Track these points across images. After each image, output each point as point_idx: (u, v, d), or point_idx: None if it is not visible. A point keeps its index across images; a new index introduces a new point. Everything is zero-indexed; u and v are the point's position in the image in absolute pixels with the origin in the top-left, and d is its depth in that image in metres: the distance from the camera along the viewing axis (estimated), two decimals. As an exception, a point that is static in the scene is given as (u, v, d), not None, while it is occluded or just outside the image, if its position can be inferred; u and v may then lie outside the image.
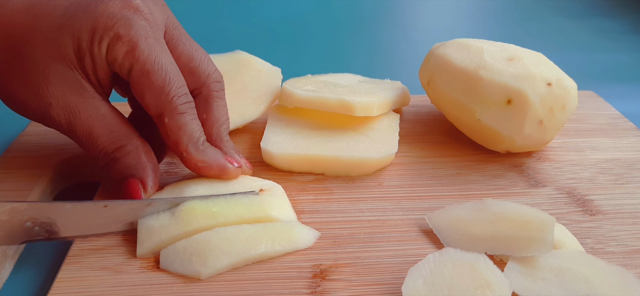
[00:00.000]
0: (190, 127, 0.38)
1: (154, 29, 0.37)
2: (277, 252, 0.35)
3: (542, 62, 0.44)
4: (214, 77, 0.41)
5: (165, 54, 0.37)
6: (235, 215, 0.36)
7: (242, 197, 0.37)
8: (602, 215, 0.39)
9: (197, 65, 0.40)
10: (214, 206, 0.36)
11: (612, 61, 0.71)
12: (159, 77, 0.36)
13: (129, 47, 0.36)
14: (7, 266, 0.36)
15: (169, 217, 0.36)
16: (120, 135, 0.37)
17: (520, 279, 0.32)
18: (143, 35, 0.36)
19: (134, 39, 0.36)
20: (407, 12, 0.94)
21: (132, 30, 0.36)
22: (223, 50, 0.55)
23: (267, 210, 0.37)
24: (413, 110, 0.54)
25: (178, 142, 0.37)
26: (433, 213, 0.38)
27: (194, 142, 0.38)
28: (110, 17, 0.36)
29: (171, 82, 0.37)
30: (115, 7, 0.36)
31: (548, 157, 0.46)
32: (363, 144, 0.44)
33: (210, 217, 0.36)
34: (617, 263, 0.33)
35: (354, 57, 0.74)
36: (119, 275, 0.34)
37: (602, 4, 0.93)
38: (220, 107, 0.41)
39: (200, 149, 0.38)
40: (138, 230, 0.36)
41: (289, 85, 0.48)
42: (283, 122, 0.47)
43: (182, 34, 0.41)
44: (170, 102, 0.37)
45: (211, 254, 0.33)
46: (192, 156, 0.38)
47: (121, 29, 0.36)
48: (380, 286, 0.33)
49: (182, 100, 0.37)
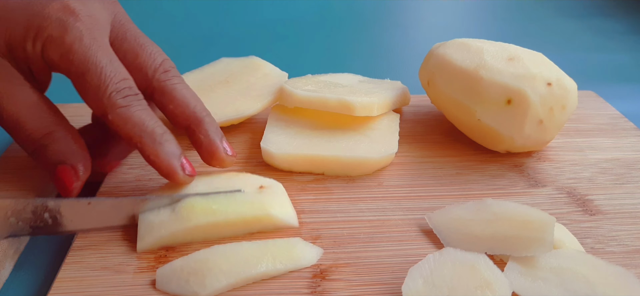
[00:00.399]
0: (138, 117, 0.37)
1: (92, 30, 0.37)
2: (278, 271, 0.34)
3: (542, 62, 0.45)
4: (162, 67, 0.40)
5: (103, 52, 0.37)
6: (234, 213, 0.36)
7: (242, 194, 0.37)
8: (602, 215, 0.39)
9: (143, 61, 0.39)
10: (214, 203, 0.36)
11: (612, 61, 0.71)
12: (95, 76, 0.36)
13: (63, 50, 0.36)
14: (7, 266, 0.36)
15: (170, 212, 0.36)
16: (49, 122, 0.37)
17: (520, 279, 0.32)
18: (77, 37, 0.36)
19: (67, 42, 0.36)
20: (407, 12, 0.94)
21: (66, 34, 0.36)
22: (224, 50, 0.56)
23: (267, 208, 0.37)
24: (413, 110, 0.54)
25: (130, 135, 0.37)
26: (433, 213, 0.38)
27: (148, 133, 0.37)
28: (45, 19, 0.36)
29: (108, 78, 0.36)
30: (52, 9, 0.36)
31: (548, 157, 0.46)
32: (363, 144, 0.44)
33: (210, 214, 0.36)
34: (617, 263, 0.33)
35: (354, 57, 0.74)
36: (119, 275, 0.34)
37: (602, 4, 0.93)
38: (182, 90, 0.40)
39: (158, 141, 0.37)
40: (139, 225, 0.36)
41: (289, 85, 0.48)
42: (283, 122, 0.47)
43: (128, 31, 0.40)
44: (108, 98, 0.36)
45: (209, 274, 0.32)
46: (147, 146, 0.37)
47: (54, 31, 0.36)
48: (380, 286, 0.33)
49: (122, 94, 0.36)
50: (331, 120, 0.47)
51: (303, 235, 0.37)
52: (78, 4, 0.38)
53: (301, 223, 0.38)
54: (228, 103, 0.48)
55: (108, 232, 0.37)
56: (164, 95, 0.39)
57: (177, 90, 0.40)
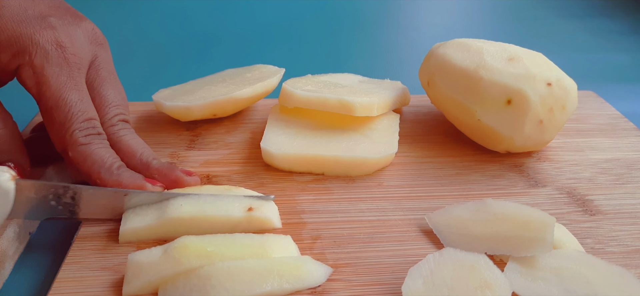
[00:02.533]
0: (98, 155, 0.38)
1: (72, 69, 0.39)
2: (284, 290, 0.32)
3: (542, 62, 0.44)
4: (114, 119, 0.41)
5: (75, 90, 0.38)
6: (231, 258, 0.33)
7: (241, 236, 0.35)
8: (602, 215, 0.39)
9: (100, 109, 0.41)
10: (210, 245, 0.33)
11: (612, 61, 0.71)
12: (62, 113, 0.37)
13: (39, 79, 0.37)
14: (7, 266, 0.36)
15: (161, 253, 0.33)
16: None
17: (520, 279, 0.32)
18: (56, 73, 0.38)
19: (45, 74, 0.37)
20: (407, 12, 0.94)
21: (47, 65, 0.37)
22: (224, 50, 0.56)
23: (268, 252, 0.34)
24: (413, 110, 0.54)
25: (89, 171, 0.38)
26: (433, 213, 0.38)
27: (106, 168, 0.38)
28: (32, 43, 0.37)
29: (73, 116, 0.38)
30: (42, 37, 0.38)
31: (548, 157, 0.46)
32: (363, 144, 0.44)
33: (205, 257, 0.32)
34: (617, 263, 0.33)
35: (354, 57, 0.74)
36: (119, 275, 0.34)
37: (602, 4, 0.93)
38: (128, 140, 0.41)
39: (115, 173, 0.38)
40: (127, 266, 0.33)
41: (289, 85, 0.48)
42: (283, 122, 0.47)
43: (98, 78, 0.41)
44: (71, 135, 0.37)
45: (213, 291, 0.31)
46: (106, 181, 0.37)
47: (37, 59, 0.37)
48: (380, 286, 0.33)
49: (84, 133, 0.38)
50: (331, 120, 0.47)
51: (303, 235, 0.37)
52: (67, 40, 0.39)
53: (301, 223, 0.38)
54: (222, 93, 0.48)
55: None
56: (114, 144, 0.40)
57: (123, 140, 0.41)
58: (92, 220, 0.38)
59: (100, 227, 0.38)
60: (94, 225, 0.38)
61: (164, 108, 0.48)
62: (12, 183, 0.33)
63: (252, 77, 0.51)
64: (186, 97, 0.49)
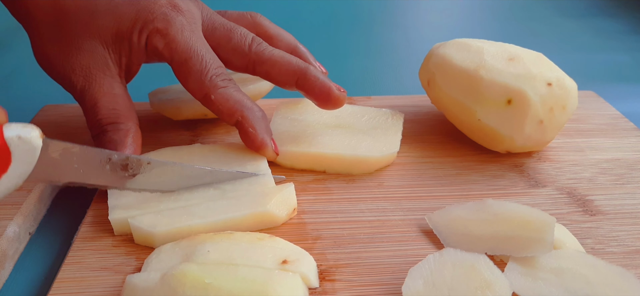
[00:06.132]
0: (238, 96, 0.41)
1: (191, 23, 0.42)
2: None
3: (542, 62, 0.44)
4: (254, 42, 0.44)
5: (201, 43, 0.42)
6: (228, 294, 0.30)
7: (244, 270, 0.31)
8: (602, 215, 0.39)
9: (236, 42, 0.44)
10: (208, 276, 0.31)
11: (612, 61, 0.71)
12: (197, 62, 0.41)
13: (167, 40, 0.41)
14: (7, 266, 0.36)
15: (158, 278, 0.31)
16: (120, 114, 0.41)
17: (520, 279, 0.32)
18: (180, 29, 0.41)
19: (171, 33, 0.41)
20: (407, 12, 0.94)
21: (170, 26, 0.41)
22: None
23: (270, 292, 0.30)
24: (413, 110, 0.54)
25: (232, 111, 0.41)
26: (433, 213, 0.38)
27: (248, 108, 0.41)
28: (151, 13, 0.41)
29: (208, 64, 0.41)
30: (157, 5, 0.42)
31: (548, 157, 0.46)
32: (365, 142, 0.44)
33: (201, 289, 0.30)
34: (617, 263, 0.33)
35: (354, 57, 0.74)
36: (119, 275, 0.34)
37: (602, 4, 0.93)
38: (279, 53, 0.43)
39: (257, 116, 0.41)
40: (124, 288, 0.32)
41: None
42: (287, 120, 0.47)
43: (216, 22, 0.45)
44: (211, 80, 0.41)
45: None
46: (247, 120, 0.41)
47: (160, 24, 0.41)
48: (380, 287, 0.33)
49: (221, 77, 0.41)
50: (333, 118, 0.47)
51: (303, 235, 0.37)
52: (180, 1, 0.43)
53: (301, 223, 0.38)
54: None
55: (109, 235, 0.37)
56: (265, 63, 0.43)
57: (275, 55, 0.43)
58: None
59: (100, 227, 0.37)
60: (94, 224, 0.38)
61: (155, 105, 0.49)
62: (40, 140, 0.32)
63: (251, 76, 0.51)
64: (180, 96, 0.49)
